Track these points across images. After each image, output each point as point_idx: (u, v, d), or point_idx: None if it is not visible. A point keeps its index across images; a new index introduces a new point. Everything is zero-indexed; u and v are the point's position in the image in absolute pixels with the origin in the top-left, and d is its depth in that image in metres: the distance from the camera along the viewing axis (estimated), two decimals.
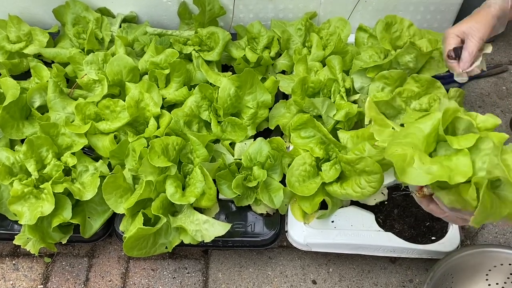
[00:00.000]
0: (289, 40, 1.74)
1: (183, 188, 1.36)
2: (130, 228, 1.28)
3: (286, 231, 1.37)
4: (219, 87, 1.47)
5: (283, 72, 1.72)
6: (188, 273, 1.42)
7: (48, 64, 1.67)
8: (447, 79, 1.53)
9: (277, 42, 1.71)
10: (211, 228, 1.28)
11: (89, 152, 1.50)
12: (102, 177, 1.32)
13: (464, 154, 0.81)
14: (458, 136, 0.85)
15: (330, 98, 1.50)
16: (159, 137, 1.35)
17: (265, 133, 1.56)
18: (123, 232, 1.35)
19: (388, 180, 1.42)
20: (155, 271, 1.42)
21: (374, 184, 1.25)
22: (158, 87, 1.57)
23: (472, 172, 0.78)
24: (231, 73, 1.63)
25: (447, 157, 0.83)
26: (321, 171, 1.36)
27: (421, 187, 0.92)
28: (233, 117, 1.44)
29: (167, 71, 1.54)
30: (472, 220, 0.74)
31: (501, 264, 1.22)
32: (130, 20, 1.82)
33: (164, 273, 1.42)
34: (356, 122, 1.52)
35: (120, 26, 1.77)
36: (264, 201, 1.30)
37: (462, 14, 1.83)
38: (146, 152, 1.28)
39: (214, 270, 1.42)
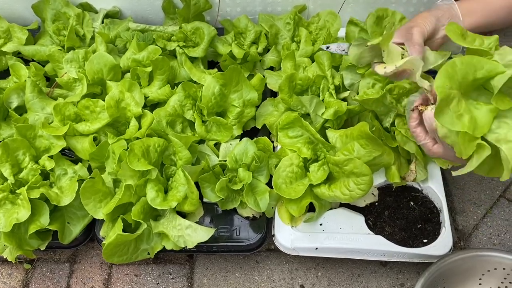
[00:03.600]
0: (278, 35, 1.68)
1: (166, 191, 1.31)
2: (110, 234, 1.23)
3: (273, 235, 1.32)
4: (203, 85, 1.41)
5: (271, 68, 1.66)
6: (172, 278, 1.37)
7: (29, 62, 1.61)
8: None
9: (264, 37, 1.65)
10: (193, 233, 1.24)
11: (71, 154, 1.45)
12: (82, 181, 1.27)
13: (493, 112, 0.79)
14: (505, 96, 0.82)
15: (319, 96, 1.45)
16: (140, 138, 1.30)
17: (252, 132, 1.51)
18: (104, 238, 1.30)
19: (379, 180, 1.38)
20: (138, 277, 1.38)
21: (363, 187, 1.20)
22: (141, 86, 1.51)
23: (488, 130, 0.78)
24: (216, 70, 1.57)
25: (478, 107, 0.81)
26: (309, 172, 1.31)
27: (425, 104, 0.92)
28: (218, 117, 1.39)
29: (149, 69, 1.48)
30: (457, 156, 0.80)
31: (495, 269, 1.17)
32: (113, 16, 1.75)
33: (148, 278, 1.37)
34: (346, 121, 1.46)
35: (102, 22, 1.71)
36: (249, 204, 1.26)
37: None
38: (126, 155, 1.22)
39: (199, 275, 1.37)
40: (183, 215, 1.33)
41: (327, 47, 1.27)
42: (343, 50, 1.25)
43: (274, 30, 1.67)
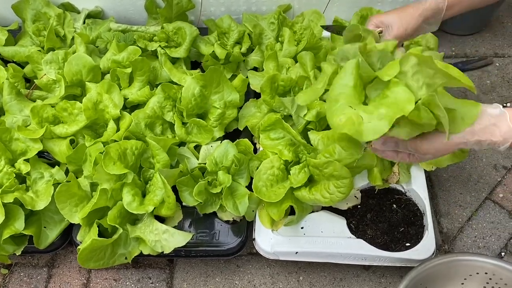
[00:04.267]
0: (262, 35, 1.65)
1: (145, 195, 1.28)
2: (85, 239, 1.21)
3: (254, 239, 1.30)
4: (184, 86, 1.39)
5: (255, 69, 1.63)
6: (152, 283, 1.35)
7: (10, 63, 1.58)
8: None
9: (248, 37, 1.62)
10: (170, 238, 1.21)
11: (50, 157, 1.42)
12: (58, 185, 1.25)
13: (395, 84, 0.73)
14: (381, 70, 0.77)
15: None
16: (117, 141, 1.28)
17: (234, 134, 1.48)
18: (81, 242, 1.27)
19: (362, 183, 1.36)
20: (117, 281, 1.35)
21: (343, 190, 1.18)
22: (121, 87, 1.49)
23: (414, 95, 0.71)
24: (199, 70, 1.55)
25: (383, 96, 0.75)
26: (290, 174, 1.29)
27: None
28: (198, 119, 1.37)
29: (129, 70, 1.46)
30: (447, 137, 0.73)
31: (477, 273, 1.15)
32: (95, 16, 1.73)
33: (127, 283, 1.35)
34: None
35: (84, 22, 1.68)
36: (228, 208, 1.23)
37: None
38: (101, 158, 1.20)
39: (179, 280, 1.35)
40: (163, 219, 1.31)
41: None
42: None
43: (258, 30, 1.64)
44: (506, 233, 1.38)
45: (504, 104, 1.62)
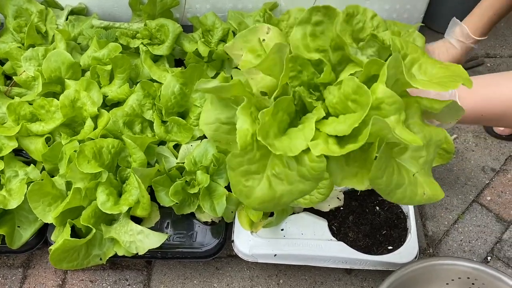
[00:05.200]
0: None
1: (121, 195, 1.25)
2: (58, 239, 1.18)
3: (232, 241, 1.27)
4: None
5: None
6: (129, 285, 1.32)
7: None
8: None
9: (232, 35, 1.59)
10: (145, 239, 1.18)
11: (28, 155, 1.39)
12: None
13: None
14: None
15: None
16: (94, 139, 1.25)
17: None
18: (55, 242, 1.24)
19: None
20: (93, 283, 1.32)
21: (323, 191, 1.14)
22: (101, 85, 1.46)
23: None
24: (182, 68, 1.52)
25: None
26: None
27: None
28: (177, 117, 1.33)
29: (109, 67, 1.43)
30: None
31: (459, 278, 1.11)
32: (79, 13, 1.70)
33: (103, 284, 1.32)
34: None
35: (67, 19, 1.65)
36: (205, 209, 1.20)
37: (432, 2, 1.71)
38: (75, 156, 1.17)
39: (156, 282, 1.32)
40: (140, 219, 1.28)
41: None
42: None
43: (243, 28, 1.61)
44: (492, 237, 1.35)
45: None
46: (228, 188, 1.26)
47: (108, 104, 1.45)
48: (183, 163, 1.29)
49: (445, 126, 0.88)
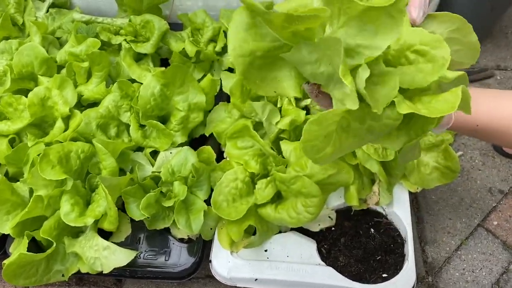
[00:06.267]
0: None
1: (89, 204, 1.13)
2: (14, 253, 1.06)
3: (210, 261, 1.14)
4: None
5: (230, 70, 1.48)
6: None
7: None
8: None
9: (224, 35, 1.47)
10: (111, 256, 1.06)
11: None
12: None
13: None
14: None
15: (277, 102, 1.27)
16: (62, 142, 1.13)
17: (201, 140, 1.33)
18: None
19: (337, 201, 1.20)
20: None
21: (312, 210, 1.03)
22: (77, 83, 1.34)
23: None
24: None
25: None
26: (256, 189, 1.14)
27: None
28: (154, 121, 1.21)
29: (86, 64, 1.31)
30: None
31: None
32: (61, 5, 1.59)
33: None
34: None
35: (47, 11, 1.54)
36: (179, 225, 1.08)
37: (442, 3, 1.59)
38: (38, 160, 1.05)
39: None
40: (110, 232, 1.16)
41: None
42: None
43: None
44: (499, 267, 1.22)
45: None
46: (207, 202, 1.14)
47: (84, 104, 1.34)
48: (160, 172, 1.17)
49: (438, 130, 0.78)
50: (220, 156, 1.32)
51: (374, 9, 0.44)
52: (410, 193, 1.20)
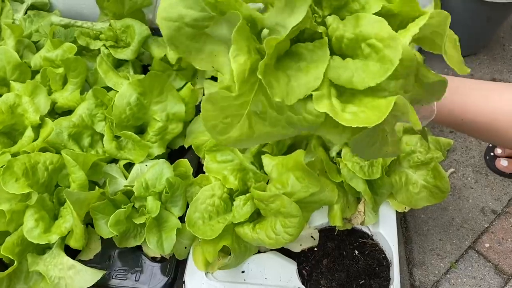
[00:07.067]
0: None
1: (57, 219, 1.07)
2: None
3: (183, 282, 1.08)
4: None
5: (214, 78, 1.42)
6: None
7: None
8: None
9: None
10: (76, 276, 1.00)
11: None
12: None
13: None
14: None
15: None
16: (29, 153, 1.07)
17: (180, 152, 1.27)
18: None
19: (321, 220, 1.14)
20: None
21: (291, 230, 0.97)
22: (52, 90, 1.28)
23: None
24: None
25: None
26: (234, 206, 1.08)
27: None
28: (129, 132, 1.15)
29: (60, 70, 1.25)
30: None
31: None
32: (41, 8, 1.53)
33: None
34: (291, 146, 1.22)
35: (26, 13, 1.48)
36: (150, 244, 1.02)
37: None
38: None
39: None
40: (75, 251, 1.09)
41: None
42: None
43: None
44: None
45: None
46: (183, 218, 1.07)
47: (59, 112, 1.28)
48: (133, 186, 1.11)
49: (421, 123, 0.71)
50: (200, 170, 1.26)
51: None
52: (397, 212, 1.14)
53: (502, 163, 1.33)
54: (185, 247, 1.09)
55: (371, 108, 0.45)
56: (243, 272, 1.08)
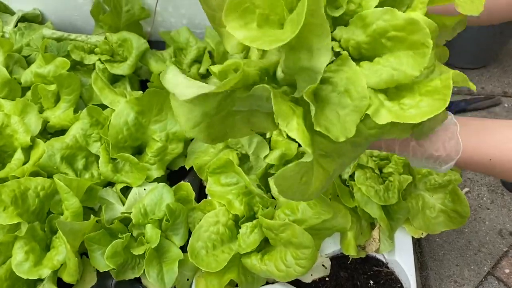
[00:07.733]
0: (226, 54, 1.38)
1: (49, 249, 0.99)
2: None
3: None
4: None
5: None
6: None
7: None
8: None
9: (208, 56, 1.35)
10: None
11: None
12: None
13: None
14: None
15: (266, 133, 1.14)
16: (19, 178, 0.99)
17: (180, 173, 1.20)
18: None
19: (333, 247, 1.07)
20: None
21: (304, 263, 0.90)
22: (43, 108, 1.20)
23: None
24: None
25: None
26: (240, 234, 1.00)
27: None
28: (126, 154, 1.07)
29: (53, 87, 1.18)
30: None
31: None
32: (32, 20, 1.45)
33: None
34: None
35: (16, 25, 1.40)
36: (150, 278, 0.94)
37: None
38: None
39: None
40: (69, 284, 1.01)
41: None
42: None
43: (222, 48, 1.37)
44: None
45: None
46: (183, 249, 1.00)
47: (51, 132, 1.20)
48: (131, 212, 1.03)
49: (443, 168, 0.64)
50: (202, 192, 1.19)
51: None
52: (413, 238, 1.07)
53: None
54: (187, 279, 1.01)
55: (426, 94, 0.44)
56: None
